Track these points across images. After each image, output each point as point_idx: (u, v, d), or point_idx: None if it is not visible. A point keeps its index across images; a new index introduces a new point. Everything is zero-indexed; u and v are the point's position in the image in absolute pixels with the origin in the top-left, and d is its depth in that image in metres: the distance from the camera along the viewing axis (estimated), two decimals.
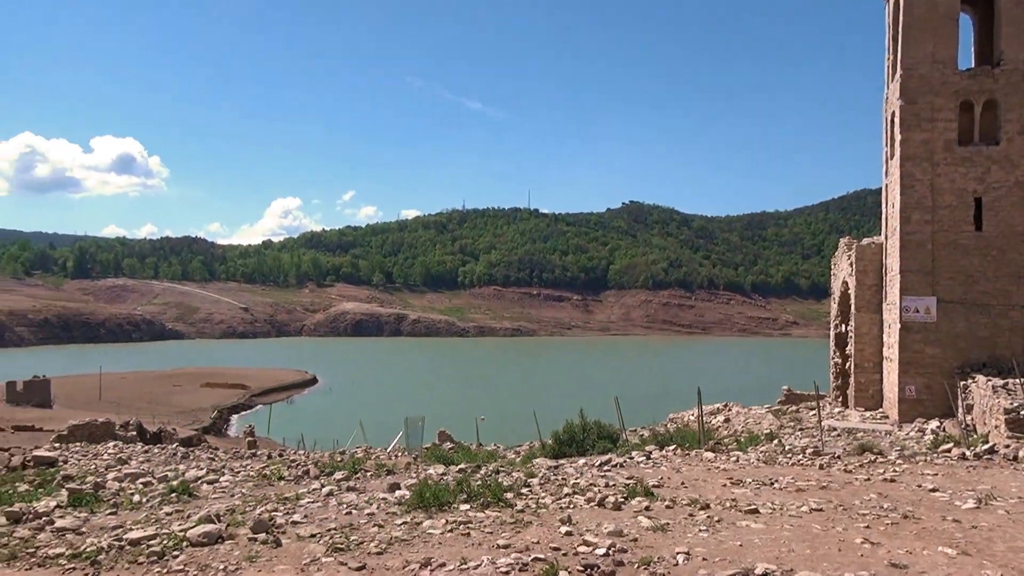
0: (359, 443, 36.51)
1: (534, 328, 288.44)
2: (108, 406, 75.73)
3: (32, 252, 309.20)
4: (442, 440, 31.67)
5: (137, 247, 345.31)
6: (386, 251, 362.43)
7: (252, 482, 16.92)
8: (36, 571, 10.04)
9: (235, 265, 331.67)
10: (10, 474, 21.21)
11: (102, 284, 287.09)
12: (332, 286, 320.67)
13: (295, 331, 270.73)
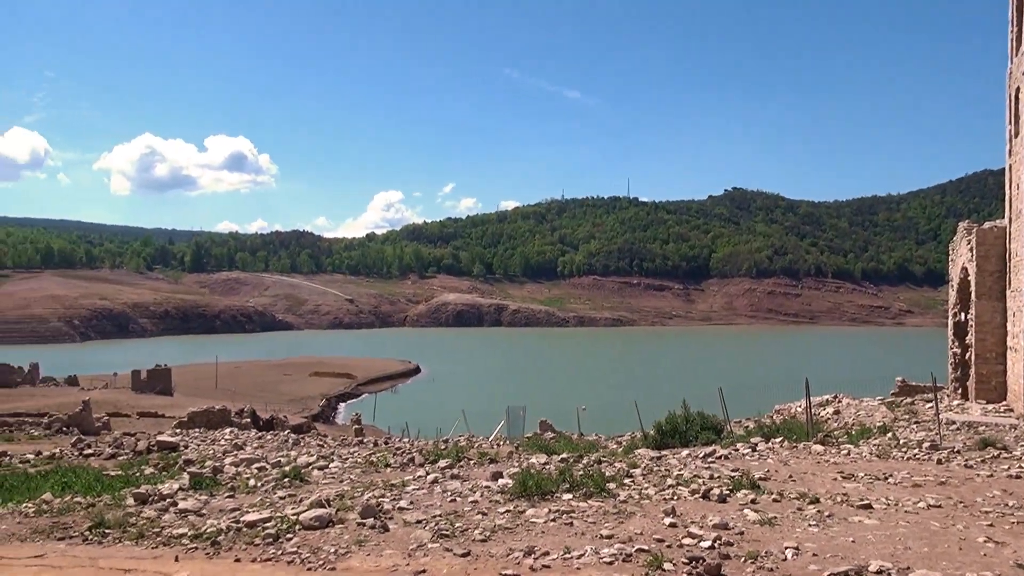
0: (461, 432, 37.05)
1: (634, 318, 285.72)
2: (224, 394, 78.94)
3: (153, 248, 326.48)
4: (543, 429, 31.77)
5: (248, 241, 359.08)
6: (486, 242, 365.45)
7: (360, 468, 17.39)
8: (161, 549, 10.60)
9: (340, 258, 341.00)
10: (137, 458, 22.49)
11: (217, 277, 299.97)
12: (434, 277, 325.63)
13: (398, 322, 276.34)
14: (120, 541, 11.10)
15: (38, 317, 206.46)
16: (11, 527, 12.30)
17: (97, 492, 15.07)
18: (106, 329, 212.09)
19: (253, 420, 41.26)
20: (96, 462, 21.84)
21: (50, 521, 12.50)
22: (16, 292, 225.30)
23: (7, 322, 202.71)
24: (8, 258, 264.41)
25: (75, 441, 27.76)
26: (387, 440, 32.22)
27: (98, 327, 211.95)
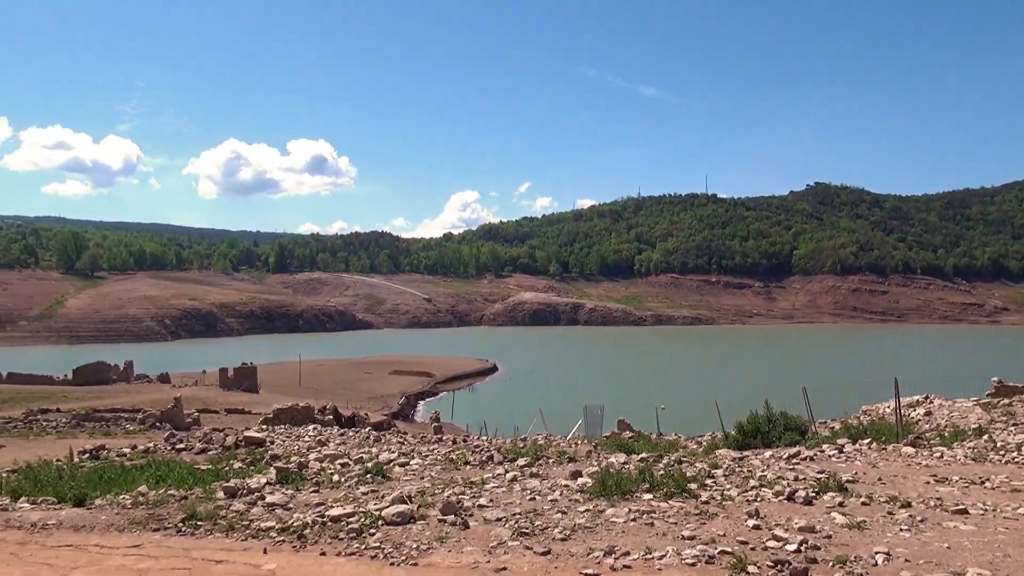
0: (539, 430, 37.09)
1: (713, 316, 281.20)
2: (307, 391, 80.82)
3: (239, 249, 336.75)
4: (621, 429, 31.55)
5: (329, 242, 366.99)
6: (562, 241, 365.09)
7: (440, 466, 17.57)
8: (250, 542, 10.91)
9: (418, 258, 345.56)
10: (226, 452, 23.20)
11: (300, 278, 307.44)
12: (510, 276, 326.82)
13: (475, 321, 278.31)
14: (211, 533, 11.48)
15: (132, 317, 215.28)
16: (110, 518, 12.84)
17: (189, 485, 15.61)
18: (195, 328, 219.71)
19: (335, 417, 42.12)
20: (187, 456, 22.61)
21: (146, 512, 13.00)
22: (112, 293, 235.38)
23: (104, 321, 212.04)
24: (104, 261, 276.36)
25: (168, 436, 28.81)
26: (465, 438, 32.47)
27: (188, 326, 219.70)
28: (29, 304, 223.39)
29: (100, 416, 42.89)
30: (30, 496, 15.01)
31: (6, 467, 20.57)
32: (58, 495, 14.85)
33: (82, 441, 30.26)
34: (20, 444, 31.19)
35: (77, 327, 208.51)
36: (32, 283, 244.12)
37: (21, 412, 44.66)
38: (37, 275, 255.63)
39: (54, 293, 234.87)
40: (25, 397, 61.24)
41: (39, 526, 12.51)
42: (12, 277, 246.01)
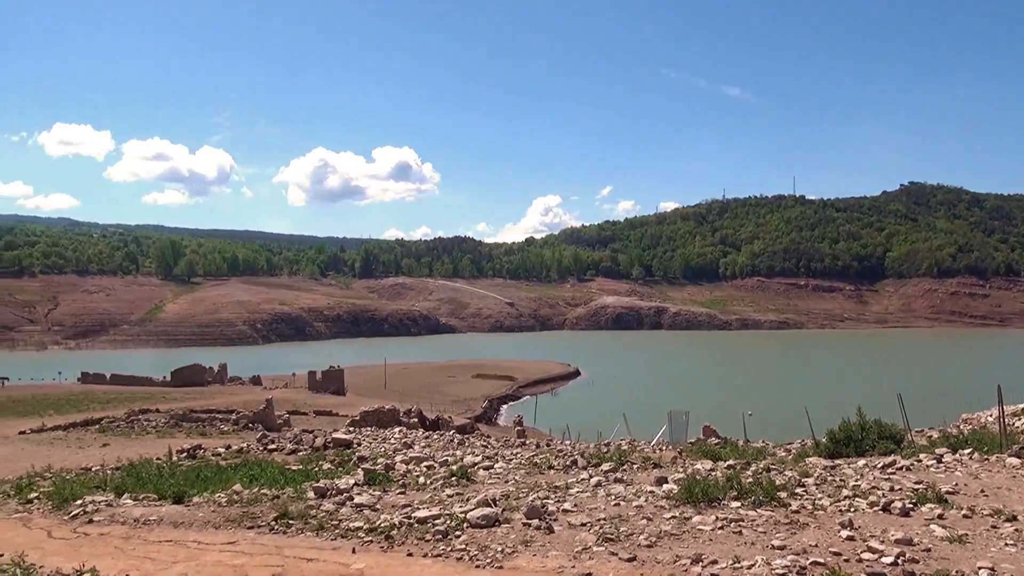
0: (623, 435, 36.80)
1: (802, 320, 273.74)
2: (392, 394, 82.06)
3: (326, 255, 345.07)
4: (707, 435, 31.03)
5: (414, 248, 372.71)
6: (645, 244, 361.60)
7: (524, 469, 17.62)
8: (339, 541, 11.17)
9: (501, 262, 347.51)
10: (315, 453, 23.78)
11: (385, 283, 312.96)
12: (592, 280, 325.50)
13: (557, 325, 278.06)
14: (302, 532, 11.79)
15: (226, 321, 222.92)
16: (207, 515, 13.32)
17: (281, 485, 16.06)
18: (285, 332, 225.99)
19: (420, 420, 42.67)
20: (279, 457, 23.26)
21: (240, 511, 13.44)
22: (207, 298, 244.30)
23: (200, 325, 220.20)
24: (200, 267, 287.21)
25: (260, 437, 29.69)
26: (549, 442, 32.47)
27: (278, 330, 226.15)
28: (131, 309, 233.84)
29: (196, 416, 44.50)
30: (133, 493, 15.69)
31: (110, 464, 21.57)
32: (159, 492, 15.48)
33: (180, 440, 31.48)
34: (123, 443, 32.64)
35: (175, 331, 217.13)
36: (133, 289, 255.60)
37: (124, 412, 46.72)
38: (138, 281, 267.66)
39: (153, 298, 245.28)
40: (127, 397, 64.07)
41: (141, 521, 13.07)
42: (115, 283, 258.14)
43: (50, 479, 18.78)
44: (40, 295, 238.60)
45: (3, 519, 14.34)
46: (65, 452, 29.39)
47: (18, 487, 17.52)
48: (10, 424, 44.13)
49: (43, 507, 15.18)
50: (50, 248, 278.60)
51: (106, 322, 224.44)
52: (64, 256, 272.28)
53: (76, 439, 35.10)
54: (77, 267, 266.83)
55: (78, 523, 13.38)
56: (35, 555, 10.70)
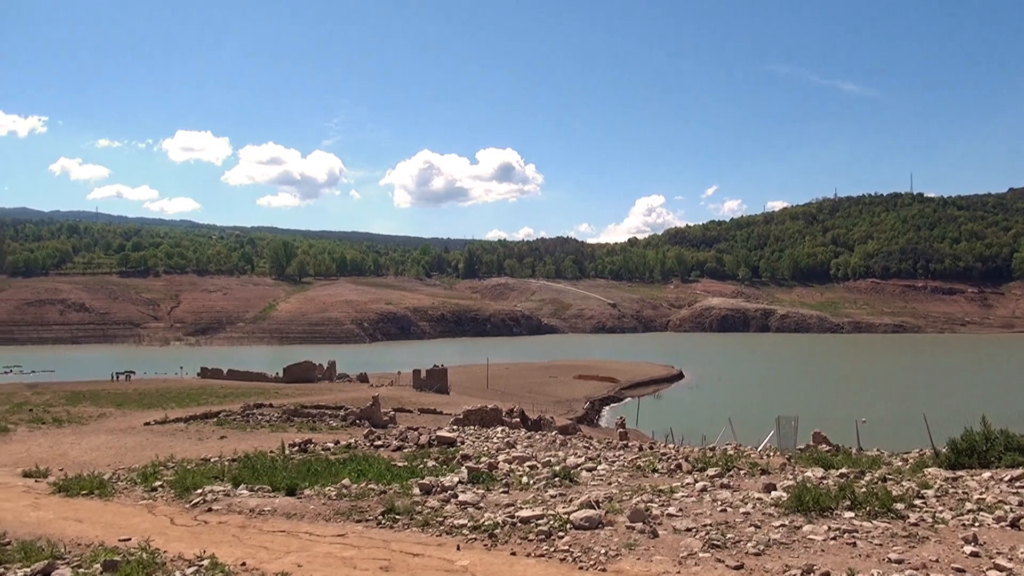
0: (728, 440, 36.00)
1: (919, 324, 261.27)
2: (494, 394, 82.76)
3: (431, 256, 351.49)
4: (817, 441, 30.00)
5: (516, 248, 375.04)
6: (752, 244, 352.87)
7: (627, 472, 17.46)
8: (444, 538, 11.33)
9: (603, 263, 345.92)
10: (419, 450, 24.21)
11: (487, 283, 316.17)
12: (697, 281, 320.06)
13: (661, 326, 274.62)
14: (408, 527, 12.02)
15: (335, 320, 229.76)
16: (317, 507, 13.75)
17: (387, 481, 16.41)
18: (390, 331, 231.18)
19: (522, 420, 42.91)
20: (385, 453, 23.78)
21: (349, 504, 13.81)
22: (317, 297, 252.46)
23: (310, 324, 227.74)
24: (311, 267, 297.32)
25: (367, 433, 30.46)
26: (652, 445, 32.07)
27: (384, 329, 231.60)
28: (246, 307, 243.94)
29: (306, 412, 45.98)
30: (248, 484, 16.35)
31: (227, 456, 22.54)
32: (272, 484, 16.08)
33: (291, 435, 32.61)
34: (239, 435, 34.07)
35: (286, 329, 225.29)
36: (248, 288, 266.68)
37: (240, 406, 48.77)
38: (253, 280, 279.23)
39: (267, 297, 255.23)
40: (243, 392, 66.83)
41: (256, 512, 13.60)
42: (232, 283, 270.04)
43: (173, 468, 19.77)
44: (164, 293, 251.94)
45: (131, 505, 15.19)
46: (186, 443, 30.91)
47: (144, 475, 18.53)
48: (137, 415, 46.75)
49: (166, 495, 16.01)
50: (173, 249, 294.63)
51: (223, 320, 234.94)
52: (185, 257, 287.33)
53: (196, 431, 36.85)
54: (197, 267, 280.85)
55: (198, 511, 14.03)
56: (159, 540, 11.27)
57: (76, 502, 15.78)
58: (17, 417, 44.93)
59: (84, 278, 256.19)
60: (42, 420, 43.72)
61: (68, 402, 57.04)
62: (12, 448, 30.93)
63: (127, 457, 26.56)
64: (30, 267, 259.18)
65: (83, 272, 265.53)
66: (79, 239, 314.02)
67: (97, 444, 31.68)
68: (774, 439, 30.16)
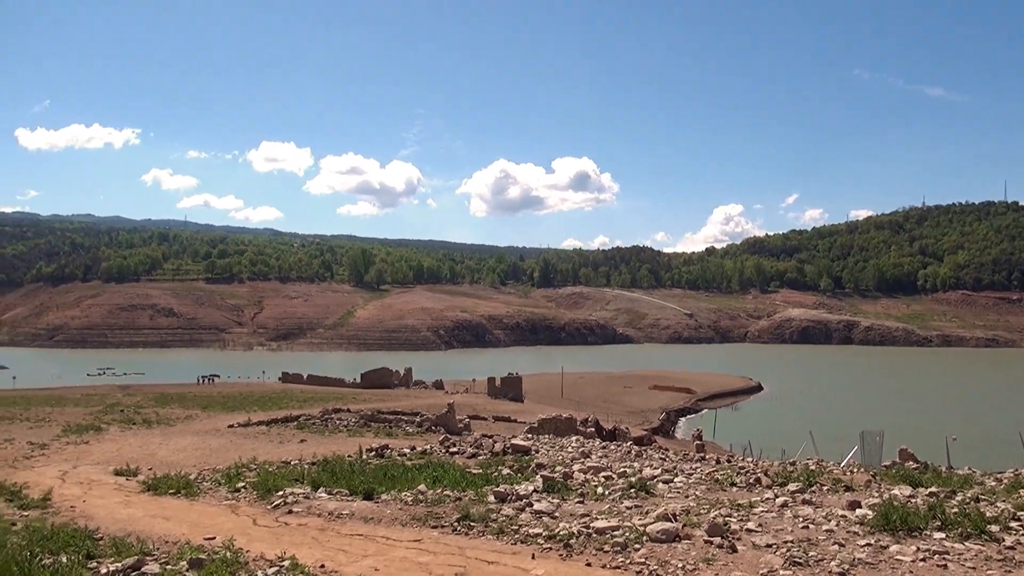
0: (809, 455, 35.07)
1: (1015, 338, 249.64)
2: (569, 403, 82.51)
3: (506, 264, 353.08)
4: (904, 459, 28.92)
5: (591, 257, 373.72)
6: (834, 255, 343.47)
7: (704, 485, 17.16)
8: (519, 546, 11.31)
9: (679, 272, 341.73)
10: (494, 458, 24.25)
11: (562, 292, 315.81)
12: (776, 292, 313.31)
13: (739, 337, 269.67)
14: (483, 534, 12.05)
15: (411, 327, 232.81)
16: (394, 512, 13.91)
17: (463, 487, 16.50)
18: (465, 339, 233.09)
19: (597, 430, 42.62)
20: (460, 459, 23.90)
21: (425, 510, 13.93)
22: (394, 305, 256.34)
23: (387, 330, 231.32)
24: (388, 275, 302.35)
25: (442, 439, 30.68)
26: (729, 458, 31.44)
27: (459, 336, 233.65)
28: (326, 314, 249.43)
29: (383, 417, 46.62)
30: (327, 487, 16.66)
31: (307, 459, 23.01)
32: (350, 488, 16.35)
33: (368, 440, 33.08)
34: (318, 440, 34.72)
35: (364, 335, 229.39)
36: (328, 295, 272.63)
37: (319, 411, 49.76)
38: (332, 287, 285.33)
39: (346, 304, 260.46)
40: (322, 397, 68.22)
41: (335, 515, 13.84)
42: (312, 290, 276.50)
43: (255, 470, 20.28)
44: (247, 300, 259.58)
45: (215, 505, 15.64)
46: (268, 446, 31.66)
47: (228, 476, 19.07)
48: (221, 418, 48.14)
49: (249, 496, 16.43)
50: (256, 257, 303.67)
51: (304, 326, 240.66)
52: (268, 264, 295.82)
53: (277, 434, 37.72)
54: (279, 274, 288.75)
55: (279, 513, 14.36)
56: (242, 540, 11.57)
57: (164, 501, 16.33)
58: (110, 417, 46.77)
59: (173, 284, 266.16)
60: (133, 421, 45.39)
61: (157, 404, 59.15)
62: (105, 447, 32.20)
63: (212, 458, 27.35)
64: (123, 273, 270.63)
65: (172, 278, 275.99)
66: (168, 247, 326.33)
67: (184, 445, 32.72)
68: (858, 455, 29.28)
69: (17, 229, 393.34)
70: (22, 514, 14.20)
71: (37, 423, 42.64)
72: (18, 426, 41.16)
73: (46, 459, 27.61)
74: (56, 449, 31.23)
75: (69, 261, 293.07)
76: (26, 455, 29.01)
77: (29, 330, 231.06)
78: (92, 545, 10.99)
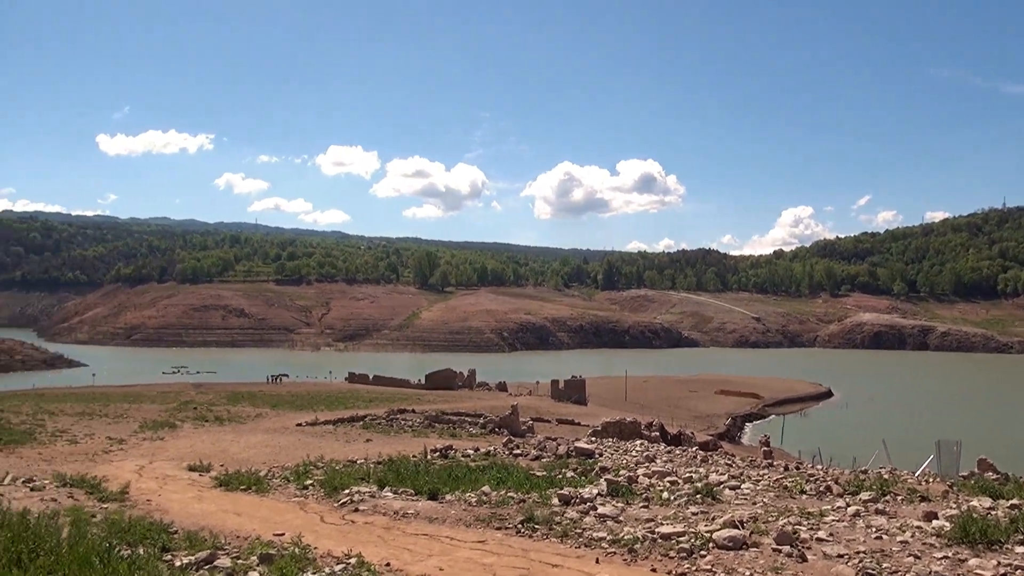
0: (881, 463, 34.11)
1: None
2: (632, 407, 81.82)
3: (570, 267, 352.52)
4: (983, 469, 27.91)
5: (656, 260, 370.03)
6: (908, 258, 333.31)
7: (772, 492, 16.84)
8: (583, 550, 11.26)
9: (747, 275, 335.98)
10: (558, 461, 24.21)
11: (626, 295, 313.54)
12: (847, 296, 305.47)
13: (808, 342, 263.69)
14: (547, 537, 12.02)
15: (475, 329, 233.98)
16: (458, 513, 13.99)
17: (526, 489, 16.50)
18: (529, 341, 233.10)
19: (661, 434, 42.23)
20: (523, 462, 23.94)
21: (489, 511, 13.98)
22: (459, 307, 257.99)
23: (451, 332, 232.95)
24: (452, 277, 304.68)
25: (506, 441, 30.78)
26: (798, 465, 30.78)
27: (522, 339, 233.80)
28: (391, 315, 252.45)
29: (447, 418, 47.00)
30: (393, 486, 16.85)
31: (373, 458, 23.31)
32: (415, 488, 16.51)
33: (433, 440, 33.40)
34: (383, 439, 35.21)
35: (429, 337, 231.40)
36: (394, 296, 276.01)
37: (384, 411, 50.44)
38: (398, 289, 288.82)
39: (411, 306, 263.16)
40: (388, 397, 69.08)
41: (400, 514, 13.98)
42: (378, 291, 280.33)
43: (322, 469, 20.65)
44: (315, 301, 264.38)
45: (284, 502, 15.96)
46: (334, 444, 32.22)
47: (296, 474, 19.46)
48: (290, 416, 49.16)
49: (316, 493, 16.73)
50: (324, 259, 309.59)
51: (370, 327, 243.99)
52: (336, 266, 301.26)
53: (343, 433, 38.36)
54: (346, 276, 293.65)
55: (346, 511, 14.57)
56: (310, 537, 11.77)
57: (235, 496, 16.74)
58: (184, 415, 48.21)
59: (244, 285, 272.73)
60: (205, 418, 46.70)
61: (229, 402, 60.72)
62: (179, 443, 33.19)
63: (281, 456, 27.93)
64: (197, 274, 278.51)
65: (243, 280, 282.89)
66: (240, 249, 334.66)
67: (254, 442, 33.51)
68: (933, 464, 28.38)
69: (97, 232, 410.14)
70: (101, 506, 14.70)
71: (116, 419, 44.25)
72: (98, 421, 42.77)
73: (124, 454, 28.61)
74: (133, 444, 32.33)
75: (146, 263, 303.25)
76: (105, 449, 30.11)
77: (108, 329, 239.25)
78: (167, 538, 11.32)
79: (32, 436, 34.17)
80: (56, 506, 13.49)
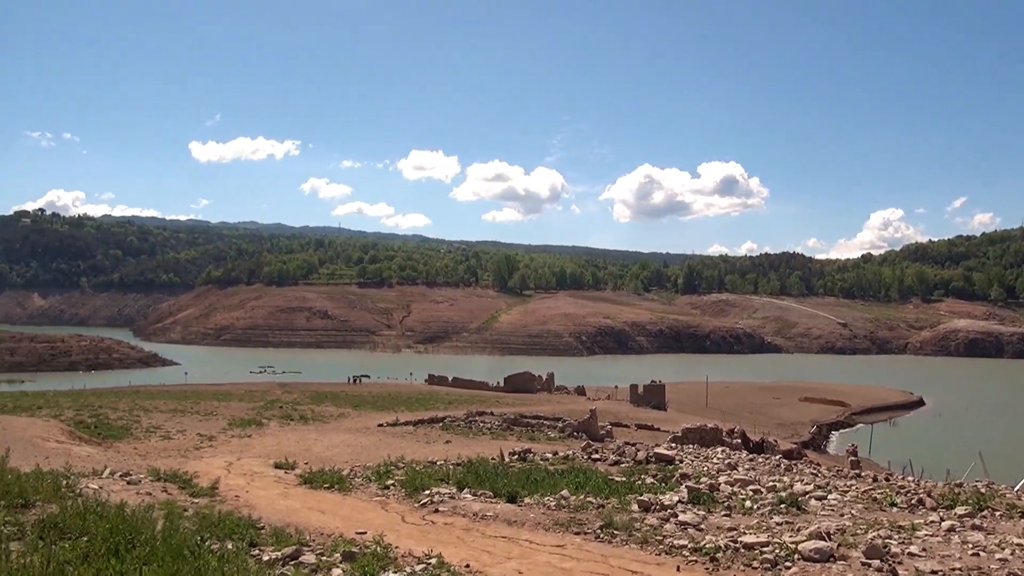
0: (978, 476, 32.69)
1: None
2: (714, 413, 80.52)
3: (649, 271, 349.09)
4: None
5: (738, 264, 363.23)
6: (1007, 262, 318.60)
7: (861, 504, 16.32)
8: (663, 557, 11.11)
9: (832, 280, 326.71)
10: (637, 466, 23.96)
11: (707, 299, 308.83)
12: (940, 301, 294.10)
13: (897, 349, 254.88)
14: (626, 543, 11.91)
15: (554, 332, 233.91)
16: (537, 516, 13.98)
17: (606, 495, 16.39)
18: (608, 345, 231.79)
19: (743, 441, 41.39)
20: (602, 467, 23.76)
21: (568, 516, 13.93)
22: (537, 310, 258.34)
23: (530, 335, 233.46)
24: (531, 280, 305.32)
25: (584, 445, 30.61)
26: (888, 476, 29.72)
27: (601, 343, 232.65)
28: (470, 318, 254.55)
29: (526, 421, 47.02)
30: (472, 488, 16.95)
31: (452, 460, 23.51)
32: (494, 490, 16.57)
33: (511, 443, 33.49)
34: (462, 441, 35.48)
35: (507, 340, 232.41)
36: (473, 299, 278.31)
37: (463, 413, 50.80)
38: (477, 292, 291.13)
39: (490, 309, 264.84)
40: (466, 399, 69.65)
41: (479, 516, 14.06)
42: (458, 294, 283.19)
43: (403, 469, 20.91)
44: (396, 303, 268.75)
45: (366, 501, 16.23)
46: (415, 445, 32.64)
47: (378, 473, 19.76)
48: (371, 417, 50.05)
49: (397, 493, 16.96)
50: (405, 262, 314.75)
51: (449, 329, 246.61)
52: (416, 269, 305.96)
53: (423, 434, 38.82)
54: (427, 279, 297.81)
55: (426, 511, 14.73)
56: (391, 536, 11.93)
57: (319, 494, 17.10)
58: (270, 413, 49.57)
59: (327, 288, 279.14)
60: (290, 417, 47.93)
61: (312, 401, 62.18)
62: (266, 441, 34.15)
63: (363, 455, 28.44)
64: (283, 277, 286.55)
65: (327, 282, 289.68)
66: (324, 252, 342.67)
67: (337, 442, 34.21)
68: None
69: (190, 236, 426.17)
70: (193, 501, 15.22)
71: (206, 416, 45.82)
72: (190, 418, 44.38)
73: (213, 450, 29.61)
74: (222, 441, 33.43)
75: (235, 265, 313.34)
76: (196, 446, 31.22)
77: (199, 329, 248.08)
78: (255, 533, 11.63)
79: (128, 431, 35.72)
80: (151, 500, 14.01)
